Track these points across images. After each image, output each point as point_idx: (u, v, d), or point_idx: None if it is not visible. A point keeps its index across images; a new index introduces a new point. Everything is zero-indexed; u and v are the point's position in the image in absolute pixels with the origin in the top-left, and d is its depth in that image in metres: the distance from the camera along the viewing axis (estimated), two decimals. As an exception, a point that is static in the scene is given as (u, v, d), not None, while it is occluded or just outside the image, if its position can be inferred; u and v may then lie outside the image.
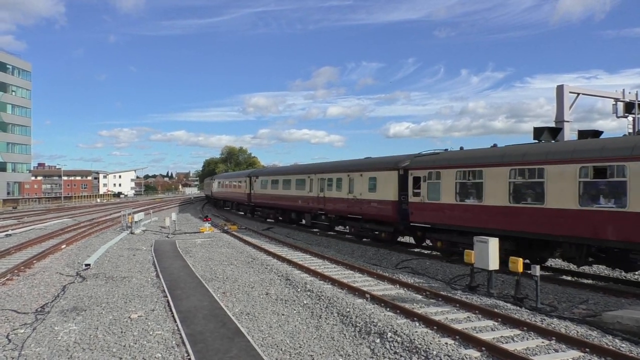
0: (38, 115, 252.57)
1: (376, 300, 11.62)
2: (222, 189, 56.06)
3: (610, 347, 8.31)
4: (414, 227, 19.03)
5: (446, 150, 19.64)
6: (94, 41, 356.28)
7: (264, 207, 38.19)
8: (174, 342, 9.08)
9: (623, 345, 8.54)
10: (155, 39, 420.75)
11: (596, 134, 15.10)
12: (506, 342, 8.65)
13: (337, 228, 28.18)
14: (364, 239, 23.63)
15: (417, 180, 18.47)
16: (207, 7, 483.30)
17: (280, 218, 34.78)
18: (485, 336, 8.86)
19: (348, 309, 10.79)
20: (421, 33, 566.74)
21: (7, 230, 29.60)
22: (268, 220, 37.36)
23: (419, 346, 8.33)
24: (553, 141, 15.67)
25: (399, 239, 22.78)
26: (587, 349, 8.16)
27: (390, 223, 20.69)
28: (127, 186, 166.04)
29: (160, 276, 15.35)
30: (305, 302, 12.01)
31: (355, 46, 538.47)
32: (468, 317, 10.36)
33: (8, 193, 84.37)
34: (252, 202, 40.86)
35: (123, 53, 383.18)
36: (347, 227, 25.77)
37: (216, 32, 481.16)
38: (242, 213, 46.67)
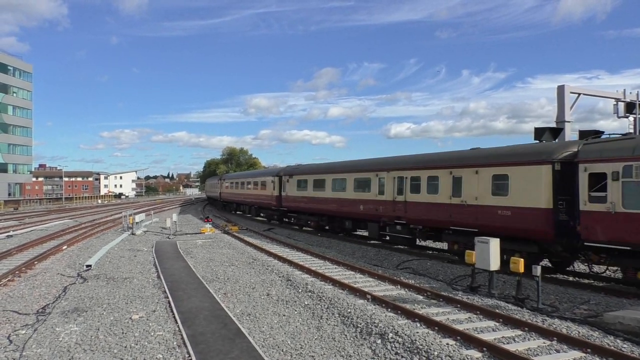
0: (40, 116, 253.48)
1: (377, 301, 11.61)
2: (235, 190, 47.88)
3: (612, 347, 8.30)
4: (588, 247, 13.17)
5: (630, 133, 13.65)
6: (96, 42, 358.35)
7: (302, 213, 30.80)
8: (175, 343, 9.08)
9: (625, 345, 8.52)
10: (157, 40, 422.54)
11: (597, 134, 15.07)
12: (507, 343, 8.64)
13: (421, 242, 21.72)
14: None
15: (597, 178, 12.73)
16: (209, 8, 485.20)
17: (327, 227, 27.87)
18: (487, 337, 8.85)
19: (349, 310, 10.78)
20: (423, 34, 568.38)
21: (9, 232, 29.62)
22: (304, 228, 31.28)
23: (420, 347, 8.32)
24: None
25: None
26: (589, 350, 8.15)
27: (535, 241, 14.43)
28: (128, 187, 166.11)
29: (162, 277, 15.36)
30: (306, 302, 12.01)
31: (357, 47, 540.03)
32: (469, 317, 10.35)
33: (9, 194, 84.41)
34: (283, 207, 33.24)
35: (125, 54, 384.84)
36: (445, 242, 18.40)
37: (218, 33, 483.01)
38: (264, 218, 39.87)
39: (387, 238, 21.98)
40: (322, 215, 27.92)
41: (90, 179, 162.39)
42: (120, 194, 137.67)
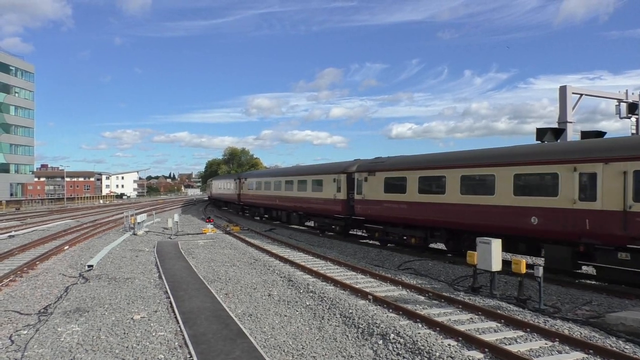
0: (42, 116, 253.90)
1: (379, 301, 11.60)
2: (266, 192, 37.90)
3: (614, 348, 8.28)
4: None
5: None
6: (99, 43, 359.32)
7: (390, 224, 21.30)
8: (176, 343, 9.09)
9: (627, 346, 8.50)
10: (159, 40, 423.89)
11: (599, 134, 15.06)
12: (509, 344, 8.62)
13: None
14: None
15: None
16: (211, 8, 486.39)
17: (444, 246, 19.74)
18: (488, 337, 8.83)
19: (351, 310, 10.78)
20: (425, 34, 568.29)
21: (10, 232, 29.67)
22: (390, 245, 22.33)
23: (422, 347, 8.31)
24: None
25: None
26: (591, 351, 8.13)
27: None
28: (129, 187, 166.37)
29: (163, 277, 15.37)
30: (307, 303, 12.00)
31: (359, 47, 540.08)
32: (471, 318, 10.34)
33: (11, 194, 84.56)
34: (356, 215, 23.60)
35: (128, 55, 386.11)
36: None
37: (220, 34, 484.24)
38: (312, 229, 30.77)
39: (591, 271, 15.04)
40: (435, 229, 18.93)
41: (92, 179, 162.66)
42: (122, 194, 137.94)
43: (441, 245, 20.67)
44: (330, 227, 27.57)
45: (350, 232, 27.02)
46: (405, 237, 20.78)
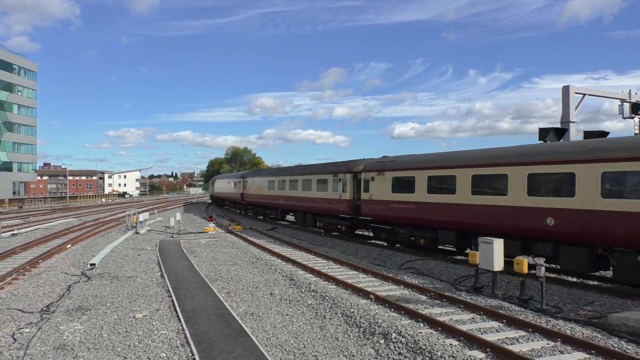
0: (47, 115, 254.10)
1: (380, 300, 11.59)
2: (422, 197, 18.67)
3: (616, 349, 8.26)
4: None
5: None
6: (106, 42, 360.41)
7: None
8: (178, 342, 9.10)
9: (629, 347, 8.49)
10: (165, 39, 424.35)
11: (602, 134, 15.02)
12: (511, 344, 8.62)
13: None
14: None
15: None
16: (216, 7, 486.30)
17: None
18: (490, 337, 8.82)
19: (352, 310, 10.78)
20: (430, 34, 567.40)
21: (13, 230, 29.75)
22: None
23: (424, 347, 8.31)
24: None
25: None
26: (593, 351, 8.12)
27: None
28: (132, 186, 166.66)
29: (165, 276, 15.39)
30: (309, 302, 12.01)
31: (364, 47, 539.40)
32: (473, 318, 10.33)
33: (14, 192, 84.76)
34: None
35: (134, 54, 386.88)
36: None
37: (225, 33, 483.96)
38: None
39: None
40: None
41: (95, 177, 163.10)
42: (124, 193, 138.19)
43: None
44: None
45: None
46: None
